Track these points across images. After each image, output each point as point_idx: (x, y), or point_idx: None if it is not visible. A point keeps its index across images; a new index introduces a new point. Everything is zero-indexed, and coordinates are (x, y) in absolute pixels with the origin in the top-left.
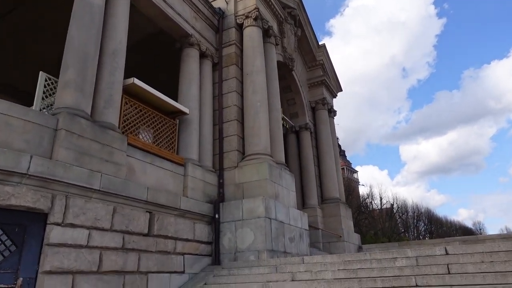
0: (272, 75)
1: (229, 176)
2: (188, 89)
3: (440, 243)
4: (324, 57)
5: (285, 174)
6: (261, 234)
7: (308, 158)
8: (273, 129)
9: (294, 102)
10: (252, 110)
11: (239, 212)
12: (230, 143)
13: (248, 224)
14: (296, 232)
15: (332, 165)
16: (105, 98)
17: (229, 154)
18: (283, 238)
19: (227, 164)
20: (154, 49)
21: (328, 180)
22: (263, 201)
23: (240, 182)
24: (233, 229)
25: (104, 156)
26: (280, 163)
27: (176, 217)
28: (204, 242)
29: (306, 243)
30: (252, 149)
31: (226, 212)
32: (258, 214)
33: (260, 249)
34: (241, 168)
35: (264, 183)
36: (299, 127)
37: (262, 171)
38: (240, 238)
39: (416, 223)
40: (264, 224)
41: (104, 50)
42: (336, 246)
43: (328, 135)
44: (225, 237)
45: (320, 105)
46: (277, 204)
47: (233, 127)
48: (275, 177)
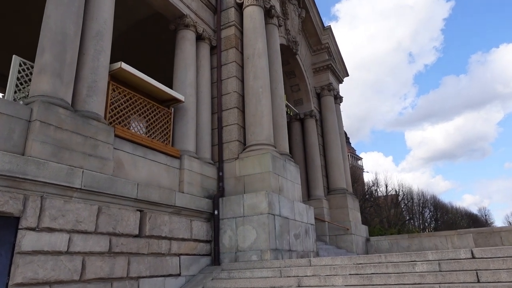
0: (275, 59)
1: (229, 169)
2: (183, 74)
3: (453, 235)
4: (330, 40)
5: (290, 165)
6: (264, 232)
7: (313, 147)
8: (276, 117)
9: (298, 88)
10: (254, 97)
11: (240, 208)
12: (230, 132)
13: (250, 221)
14: (302, 228)
15: (338, 154)
16: (88, 85)
17: (229, 145)
18: (288, 235)
19: (227, 155)
20: (153, 33)
21: (335, 170)
22: (266, 196)
23: (241, 175)
24: (233, 226)
25: (87, 150)
26: (284, 154)
27: (171, 215)
28: (203, 241)
29: (312, 239)
30: (254, 139)
31: (226, 208)
32: (260, 211)
33: (263, 248)
34: (242, 159)
35: (267, 176)
36: (303, 114)
37: (264, 163)
38: (242, 236)
39: (422, 210)
40: (267, 221)
41: (86, 31)
42: (343, 239)
43: (334, 122)
44: (225, 235)
45: (326, 91)
46: (281, 198)
47: (233, 115)
48: (279, 169)
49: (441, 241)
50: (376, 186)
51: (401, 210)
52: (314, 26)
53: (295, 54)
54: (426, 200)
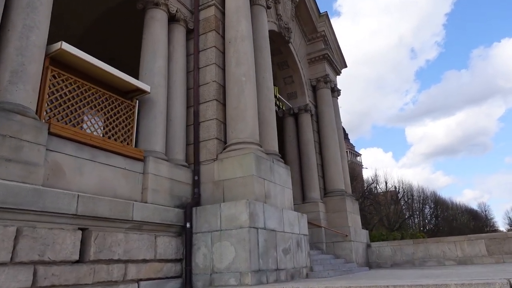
0: (262, 45)
1: (207, 172)
2: (151, 61)
3: (462, 241)
4: (326, 27)
5: (279, 167)
6: (244, 250)
7: (308, 145)
8: (263, 111)
9: (292, 80)
10: (236, 86)
11: (216, 220)
12: (208, 129)
13: (228, 236)
14: (293, 241)
15: (336, 152)
16: (12, 69)
17: (206, 144)
18: (275, 251)
19: (204, 156)
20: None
21: (332, 169)
22: (247, 205)
23: (220, 180)
24: (209, 242)
25: (5, 153)
26: (271, 153)
27: (128, 231)
28: (171, 261)
29: (305, 252)
30: (236, 136)
31: (201, 220)
32: (240, 223)
33: (243, 270)
34: (221, 161)
35: (250, 181)
36: (298, 109)
37: (246, 165)
38: (218, 255)
39: (422, 207)
40: (249, 237)
41: (14, 1)
42: (342, 246)
43: (331, 117)
44: (199, 252)
45: (322, 83)
46: (267, 208)
47: (211, 109)
48: (265, 172)
49: (450, 247)
50: (375, 183)
51: (401, 207)
52: (309, 12)
53: (288, 42)
54: (426, 196)
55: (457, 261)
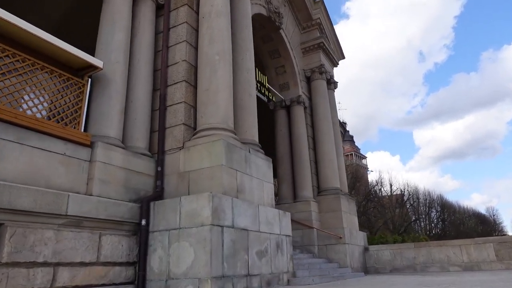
0: (243, 23)
1: (172, 162)
2: (109, 34)
3: (469, 244)
4: (322, 15)
5: (257, 158)
6: (204, 252)
7: (301, 139)
8: (242, 96)
9: (284, 71)
10: (208, 66)
11: (175, 216)
12: (175, 114)
13: (187, 235)
14: (271, 242)
15: (331, 147)
16: None
17: (173, 130)
18: (246, 254)
19: (170, 144)
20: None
21: (327, 166)
22: (209, 199)
23: (185, 171)
24: (166, 242)
25: None
26: (249, 143)
27: (61, 228)
28: (120, 264)
29: (287, 256)
30: (205, 122)
31: (159, 217)
32: (201, 221)
33: (202, 275)
34: (187, 149)
35: (218, 172)
36: (290, 101)
37: (215, 153)
38: (175, 258)
39: (428, 210)
40: (210, 236)
41: None
42: (336, 249)
43: (326, 110)
44: (155, 255)
45: (317, 74)
46: (237, 203)
47: (180, 91)
48: (238, 162)
49: (455, 251)
50: (380, 186)
51: (406, 210)
52: None
53: (279, 29)
54: (433, 200)
55: (462, 266)
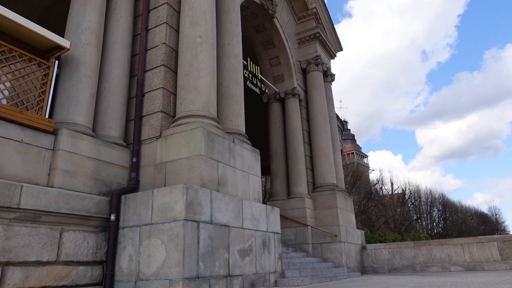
0: (230, 6)
1: (148, 153)
2: (80, 13)
3: (471, 243)
4: (318, 4)
5: (242, 149)
6: (176, 251)
7: (295, 133)
8: (228, 83)
9: (278, 62)
10: (189, 50)
11: (147, 211)
12: (153, 101)
13: (159, 231)
14: (256, 240)
15: (327, 142)
16: None
17: (150, 119)
18: (226, 252)
19: (146, 133)
20: None
21: (322, 161)
22: (183, 191)
23: (162, 162)
24: (136, 239)
25: None
26: (234, 133)
27: (12, 223)
28: (85, 263)
29: (274, 254)
30: (185, 109)
31: (130, 211)
32: (174, 215)
33: (174, 276)
34: (165, 139)
35: (197, 163)
36: (284, 93)
37: (193, 142)
38: (146, 256)
39: (430, 209)
40: (183, 233)
41: None
42: (331, 248)
43: (322, 103)
44: (125, 253)
45: (313, 66)
46: (217, 197)
47: (158, 76)
48: (220, 153)
49: (456, 250)
50: (381, 184)
51: (408, 209)
52: None
53: (273, 17)
54: (435, 199)
55: (464, 266)
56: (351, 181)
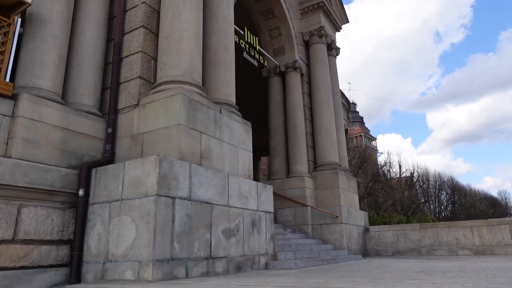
0: None
1: (125, 123)
2: None
3: (481, 226)
4: None
5: (230, 120)
6: (147, 230)
7: (296, 109)
8: (216, 48)
9: (279, 33)
10: (170, 9)
11: (118, 185)
12: (131, 66)
13: (129, 208)
14: (244, 219)
15: (330, 119)
16: None
17: (128, 86)
18: (208, 232)
19: (123, 102)
20: None
21: (324, 139)
22: (156, 164)
23: (139, 133)
24: (106, 217)
25: None
26: (222, 103)
27: None
28: (51, 242)
29: (265, 235)
30: (165, 74)
31: (100, 186)
32: (146, 190)
33: (143, 258)
34: (142, 107)
35: (175, 133)
36: (285, 66)
37: (172, 110)
38: (115, 235)
39: (438, 192)
40: (154, 210)
41: None
42: (331, 230)
43: (325, 78)
44: (94, 232)
45: (316, 37)
46: (198, 170)
47: (137, 39)
48: (204, 123)
49: (465, 233)
50: (389, 167)
51: (415, 192)
52: None
53: None
54: (443, 182)
55: (473, 250)
56: (358, 163)
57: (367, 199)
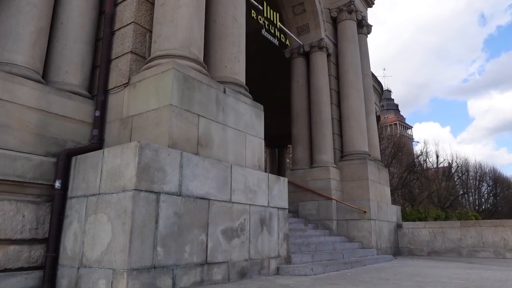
0: None
1: (115, 104)
2: None
3: None
4: None
5: (237, 102)
6: (122, 231)
7: (321, 93)
8: (222, 18)
9: (303, 10)
10: None
11: (96, 176)
12: (123, 40)
13: (106, 205)
14: (251, 217)
15: (359, 103)
16: None
17: (119, 62)
18: (203, 233)
19: (114, 81)
20: None
21: (353, 125)
22: (136, 152)
23: (128, 116)
24: (83, 213)
25: None
26: (228, 82)
27: None
28: (21, 242)
29: (278, 235)
30: (159, 47)
31: (79, 177)
32: (124, 184)
33: (118, 266)
34: (133, 86)
35: (166, 115)
36: (309, 46)
37: (163, 89)
38: (90, 236)
39: (478, 184)
40: (132, 208)
41: None
42: (358, 226)
43: (355, 58)
44: (70, 230)
45: (345, 13)
46: (191, 160)
47: (130, 9)
48: (202, 104)
49: None
50: (425, 156)
51: (453, 183)
52: None
53: None
54: (485, 173)
55: None
56: (392, 153)
57: (401, 190)
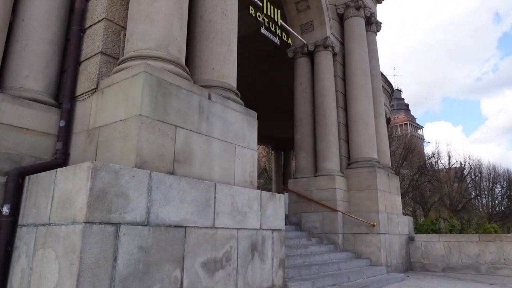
0: None
1: (83, 113)
2: None
3: None
4: None
5: (224, 109)
6: (69, 274)
7: (326, 95)
8: (210, 14)
9: (307, 6)
10: None
11: (47, 202)
12: (93, 39)
13: (55, 238)
14: (239, 243)
15: (368, 106)
16: None
17: (88, 65)
18: (177, 268)
19: (82, 86)
20: None
21: (360, 130)
22: (89, 175)
23: (95, 127)
24: (31, 247)
25: None
26: (215, 86)
27: None
28: None
29: (273, 262)
30: (132, 47)
31: (31, 201)
32: (74, 214)
33: None
34: (101, 93)
35: (134, 128)
36: (314, 45)
37: (132, 96)
38: (37, 276)
39: (492, 186)
40: (81, 245)
41: None
42: (366, 241)
43: (363, 58)
44: (18, 266)
45: (353, 10)
46: (164, 181)
47: (102, 4)
48: (180, 113)
49: None
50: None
51: (466, 185)
52: None
53: None
54: (498, 174)
55: None
56: (402, 154)
57: (412, 193)
